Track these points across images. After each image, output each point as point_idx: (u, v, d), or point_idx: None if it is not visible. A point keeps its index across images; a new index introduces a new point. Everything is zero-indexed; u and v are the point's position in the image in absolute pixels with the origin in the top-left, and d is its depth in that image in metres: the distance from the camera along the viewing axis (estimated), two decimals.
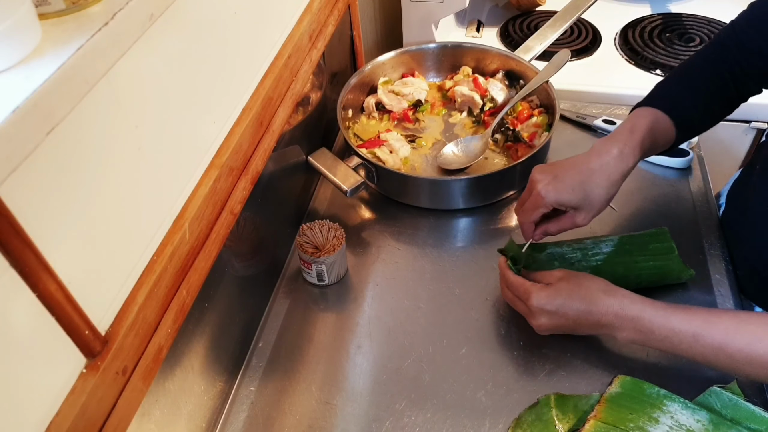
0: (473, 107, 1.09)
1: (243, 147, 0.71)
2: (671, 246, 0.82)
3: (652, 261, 0.81)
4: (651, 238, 0.84)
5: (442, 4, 1.24)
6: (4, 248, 0.38)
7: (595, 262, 0.82)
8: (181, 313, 0.61)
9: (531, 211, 0.76)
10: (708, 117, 0.84)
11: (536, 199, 0.74)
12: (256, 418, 0.74)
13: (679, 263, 0.81)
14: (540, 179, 0.75)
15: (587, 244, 0.84)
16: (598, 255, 0.82)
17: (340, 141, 1.12)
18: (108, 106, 0.49)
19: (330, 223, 0.87)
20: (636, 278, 0.80)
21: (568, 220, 0.76)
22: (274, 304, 0.86)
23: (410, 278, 0.88)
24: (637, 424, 0.66)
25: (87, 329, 0.47)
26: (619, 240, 0.83)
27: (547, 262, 0.82)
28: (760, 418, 0.66)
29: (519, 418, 0.71)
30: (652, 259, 0.81)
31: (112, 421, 0.51)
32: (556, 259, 0.82)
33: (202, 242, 0.64)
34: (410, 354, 0.79)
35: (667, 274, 0.81)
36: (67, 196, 0.46)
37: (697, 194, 0.95)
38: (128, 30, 0.44)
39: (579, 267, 0.81)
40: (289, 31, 0.85)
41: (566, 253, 0.83)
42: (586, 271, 0.80)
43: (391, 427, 0.71)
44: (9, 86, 0.36)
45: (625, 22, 1.35)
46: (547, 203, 0.74)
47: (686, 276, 0.81)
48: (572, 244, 0.84)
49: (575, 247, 0.83)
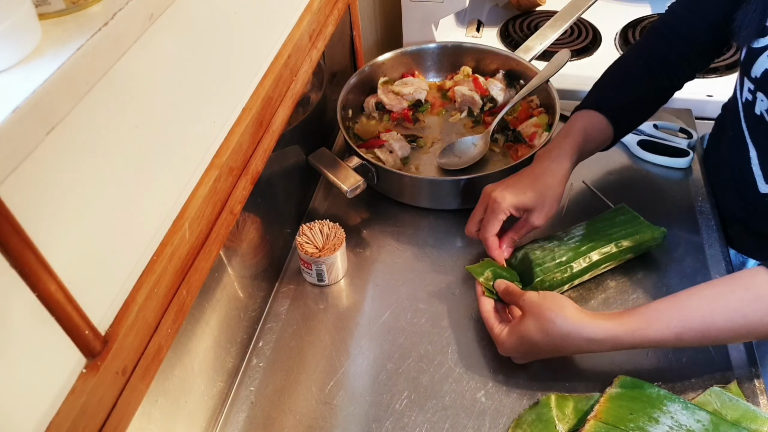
0: (473, 107, 1.09)
1: (243, 147, 0.71)
2: (634, 215, 0.86)
3: (623, 230, 0.84)
4: (615, 214, 0.87)
5: (442, 4, 1.24)
6: (4, 248, 0.38)
7: (573, 244, 0.83)
8: (181, 313, 0.61)
9: (491, 222, 0.80)
10: (642, 109, 0.89)
11: (494, 206, 0.79)
12: (256, 418, 0.74)
13: (648, 225, 0.84)
14: (493, 189, 0.81)
15: (559, 234, 0.86)
16: (573, 238, 0.84)
17: (340, 141, 1.12)
18: (108, 106, 0.49)
19: (330, 223, 0.87)
20: (617, 247, 0.82)
21: (524, 223, 0.81)
22: (274, 304, 0.86)
23: (410, 278, 0.88)
24: (637, 424, 0.65)
25: (87, 329, 0.47)
26: (586, 224, 0.86)
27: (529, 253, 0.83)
28: (761, 418, 0.66)
29: (519, 418, 0.71)
30: (623, 228, 0.84)
31: (112, 421, 0.51)
32: (537, 249, 0.83)
33: (202, 242, 0.64)
34: (410, 354, 0.79)
35: (642, 238, 0.83)
36: (67, 196, 0.46)
37: (696, 194, 0.95)
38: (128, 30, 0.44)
39: (559, 251, 0.82)
40: (289, 31, 0.85)
41: (544, 244, 0.84)
42: (568, 253, 0.81)
43: (391, 427, 0.71)
44: (9, 86, 0.36)
45: (625, 22, 1.35)
46: (504, 207, 0.78)
47: (659, 235, 0.83)
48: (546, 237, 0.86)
49: (550, 238, 0.85)
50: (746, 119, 0.79)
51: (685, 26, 0.84)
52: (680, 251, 0.87)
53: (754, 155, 0.79)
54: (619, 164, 1.01)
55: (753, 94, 0.76)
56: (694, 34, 0.83)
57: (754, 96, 0.76)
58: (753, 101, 0.76)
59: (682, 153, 0.98)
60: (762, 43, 0.72)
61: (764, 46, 0.72)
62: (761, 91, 0.74)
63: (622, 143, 1.02)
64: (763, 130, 0.76)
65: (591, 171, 0.99)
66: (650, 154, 1.00)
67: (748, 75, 0.76)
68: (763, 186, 0.79)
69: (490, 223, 0.80)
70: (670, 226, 0.86)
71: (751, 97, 0.77)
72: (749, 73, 0.75)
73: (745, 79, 0.77)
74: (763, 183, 0.79)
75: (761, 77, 0.73)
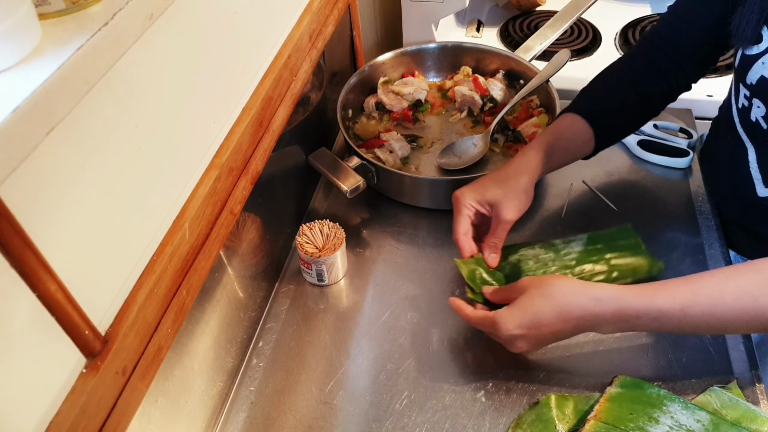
0: (473, 107, 1.09)
1: (243, 147, 0.71)
2: (638, 241, 0.83)
3: (622, 258, 0.81)
4: (618, 235, 0.84)
5: (442, 4, 1.24)
6: (4, 248, 0.38)
7: (569, 261, 0.82)
8: (181, 313, 0.61)
9: (456, 221, 0.79)
10: (626, 115, 0.87)
11: (457, 205, 0.78)
12: (256, 418, 0.74)
13: (648, 256, 0.82)
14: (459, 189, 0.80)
15: (557, 244, 0.84)
16: (570, 254, 0.82)
17: (340, 141, 1.12)
18: (108, 106, 0.49)
19: (330, 223, 0.87)
20: (610, 275, 0.80)
21: (496, 221, 0.78)
22: (274, 304, 0.86)
23: (410, 278, 0.88)
24: (637, 424, 0.66)
25: (87, 329, 0.47)
26: (587, 238, 0.84)
27: (521, 262, 0.82)
28: (760, 418, 0.66)
29: (519, 418, 0.71)
30: (621, 256, 0.82)
31: (112, 421, 0.51)
32: (531, 259, 0.82)
33: (202, 242, 0.64)
34: (410, 354, 0.79)
35: (638, 269, 0.81)
36: (67, 196, 0.46)
37: (696, 194, 0.95)
38: (128, 30, 0.44)
39: (553, 267, 0.81)
40: (289, 30, 0.85)
41: (539, 254, 0.83)
42: (561, 271, 0.80)
43: (391, 427, 0.71)
44: (9, 86, 0.36)
45: (625, 22, 1.35)
46: (466, 203, 0.77)
47: (656, 270, 0.81)
48: (544, 246, 0.84)
49: (547, 248, 0.83)
50: (742, 124, 0.79)
51: (679, 34, 0.82)
52: (680, 251, 0.87)
53: (753, 158, 0.79)
54: (619, 164, 1.01)
55: (749, 101, 0.75)
56: (688, 42, 0.82)
57: (750, 102, 0.75)
58: (749, 107, 0.76)
59: (682, 153, 0.98)
60: (756, 51, 0.72)
61: (758, 54, 0.71)
62: (757, 98, 0.74)
63: (623, 143, 1.02)
64: (760, 134, 0.76)
65: (591, 171, 0.99)
66: (650, 154, 1.00)
67: (743, 81, 0.75)
68: (762, 190, 0.78)
69: (456, 222, 0.79)
70: (669, 226, 0.86)
71: (747, 103, 0.76)
72: (744, 80, 0.75)
73: (741, 85, 0.77)
74: (762, 187, 0.78)
75: (757, 84, 0.73)
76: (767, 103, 0.73)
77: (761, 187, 0.78)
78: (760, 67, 0.72)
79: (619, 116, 0.86)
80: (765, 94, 0.73)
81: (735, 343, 0.76)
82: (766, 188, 0.78)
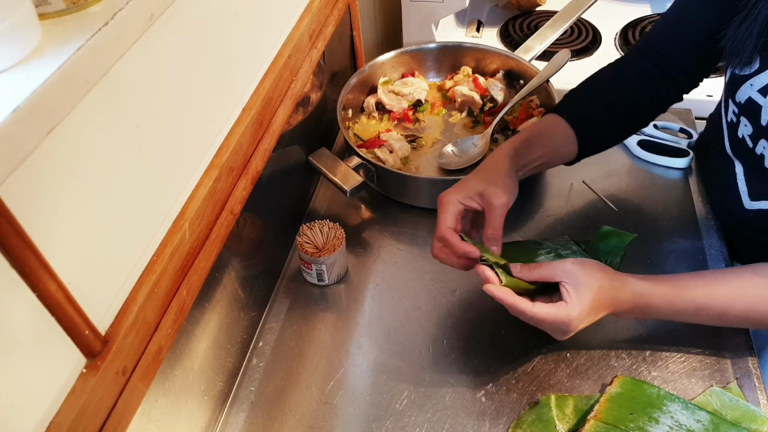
0: (473, 107, 1.09)
1: (243, 147, 0.71)
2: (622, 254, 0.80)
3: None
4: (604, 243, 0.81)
5: (442, 4, 1.24)
6: (4, 248, 0.38)
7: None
8: (181, 313, 0.61)
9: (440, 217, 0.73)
10: (610, 120, 0.84)
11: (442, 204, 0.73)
12: (256, 418, 0.74)
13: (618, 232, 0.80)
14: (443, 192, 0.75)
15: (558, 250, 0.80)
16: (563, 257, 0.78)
17: (340, 141, 1.12)
18: (108, 106, 0.49)
19: (330, 223, 0.87)
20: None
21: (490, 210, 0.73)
22: (274, 304, 0.86)
23: (410, 278, 0.88)
24: (637, 424, 0.66)
25: (87, 329, 0.47)
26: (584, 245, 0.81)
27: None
28: (760, 418, 0.66)
29: (519, 418, 0.71)
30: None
31: (112, 421, 0.51)
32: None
33: (202, 242, 0.64)
34: (410, 354, 0.79)
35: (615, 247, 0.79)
36: (68, 196, 0.46)
37: (697, 194, 0.95)
38: (128, 30, 0.44)
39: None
40: (289, 30, 0.85)
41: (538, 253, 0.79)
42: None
43: (391, 427, 0.71)
44: (9, 86, 0.36)
45: (625, 22, 1.35)
46: (452, 200, 0.73)
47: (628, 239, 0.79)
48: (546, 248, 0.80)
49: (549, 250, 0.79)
50: (730, 139, 0.80)
51: (669, 44, 0.81)
52: (680, 252, 0.87)
53: (740, 172, 0.79)
54: (619, 164, 1.01)
55: (737, 117, 0.76)
56: (678, 53, 0.80)
57: (738, 119, 0.76)
58: (737, 123, 0.76)
59: (682, 153, 0.99)
60: (747, 72, 0.72)
61: (748, 75, 0.71)
62: (745, 117, 0.74)
63: (623, 143, 1.02)
64: (746, 152, 0.76)
65: (591, 171, 0.99)
66: (650, 154, 1.00)
67: (732, 98, 0.75)
68: (749, 203, 0.79)
69: (439, 219, 0.73)
70: (669, 227, 0.86)
71: (735, 119, 0.77)
72: (733, 97, 0.75)
73: (730, 101, 0.77)
74: (748, 200, 0.79)
75: (745, 104, 0.73)
76: (754, 123, 0.73)
77: (747, 199, 0.79)
78: (748, 88, 0.72)
79: (602, 120, 0.84)
80: (752, 115, 0.73)
81: (735, 343, 0.76)
82: (752, 201, 0.78)
